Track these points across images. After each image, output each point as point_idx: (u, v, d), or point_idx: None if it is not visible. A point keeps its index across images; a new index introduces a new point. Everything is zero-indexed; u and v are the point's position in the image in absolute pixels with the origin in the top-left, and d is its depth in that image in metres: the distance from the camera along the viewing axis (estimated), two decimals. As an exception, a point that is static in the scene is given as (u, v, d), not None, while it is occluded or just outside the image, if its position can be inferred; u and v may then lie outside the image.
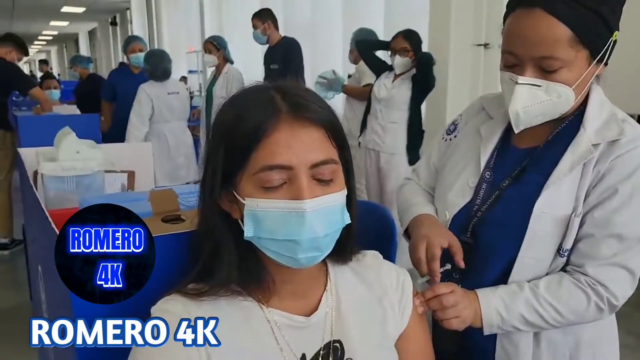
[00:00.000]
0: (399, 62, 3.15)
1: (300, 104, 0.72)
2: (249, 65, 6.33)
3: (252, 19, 4.16)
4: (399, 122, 3.22)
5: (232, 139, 0.72)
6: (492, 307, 0.99)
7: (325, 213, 0.71)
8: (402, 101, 3.19)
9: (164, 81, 3.86)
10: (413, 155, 3.20)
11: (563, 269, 1.02)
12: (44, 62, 13.03)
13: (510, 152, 1.10)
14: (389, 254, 0.97)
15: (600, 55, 0.96)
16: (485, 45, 3.61)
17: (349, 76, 3.82)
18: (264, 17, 4.12)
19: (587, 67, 0.96)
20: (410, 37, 3.16)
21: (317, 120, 0.72)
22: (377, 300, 0.86)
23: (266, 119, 0.70)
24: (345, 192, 0.75)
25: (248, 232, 0.73)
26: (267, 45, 4.24)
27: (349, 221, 0.77)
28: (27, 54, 4.40)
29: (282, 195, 0.70)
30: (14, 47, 4.16)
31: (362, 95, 3.66)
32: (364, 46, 3.50)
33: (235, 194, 0.73)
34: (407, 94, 3.18)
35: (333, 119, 0.75)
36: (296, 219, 0.70)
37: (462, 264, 1.01)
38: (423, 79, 3.14)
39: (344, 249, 0.83)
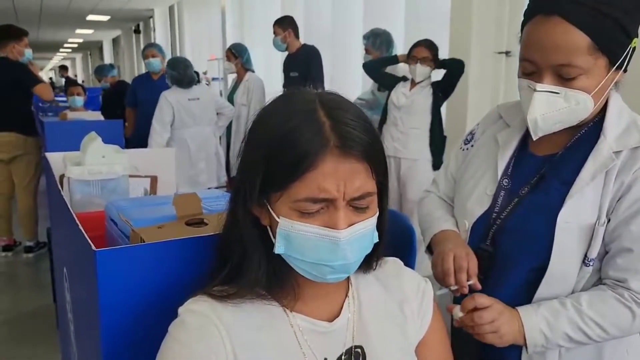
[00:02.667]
0: (421, 70, 3.18)
1: (348, 137, 0.70)
2: (270, 72, 6.38)
3: (274, 25, 4.21)
4: (420, 127, 3.23)
5: (276, 161, 0.71)
6: (535, 327, 0.98)
7: (357, 239, 0.73)
8: (423, 107, 3.21)
9: (188, 88, 3.91)
10: (437, 160, 3.22)
11: (601, 282, 1.01)
12: (63, 68, 13.12)
13: (528, 160, 1.09)
14: (409, 262, 0.97)
15: (619, 62, 0.95)
16: (507, 53, 3.59)
17: (379, 88, 3.78)
18: (284, 25, 4.16)
19: (606, 74, 0.96)
20: (431, 47, 3.20)
21: (362, 155, 0.71)
22: (398, 306, 0.86)
23: (314, 150, 0.69)
24: (377, 215, 0.76)
25: (279, 248, 0.74)
26: (287, 53, 4.27)
27: (377, 240, 0.78)
28: (24, 33, 4.20)
29: (317, 220, 0.71)
30: (13, 42, 4.10)
31: None
32: (370, 67, 3.52)
33: (270, 209, 0.74)
34: (428, 100, 3.21)
35: (376, 148, 0.74)
36: (329, 246, 0.71)
37: (478, 286, 1.02)
38: (450, 84, 3.18)
39: (370, 262, 0.84)
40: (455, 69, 3.17)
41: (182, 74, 3.86)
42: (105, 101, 5.90)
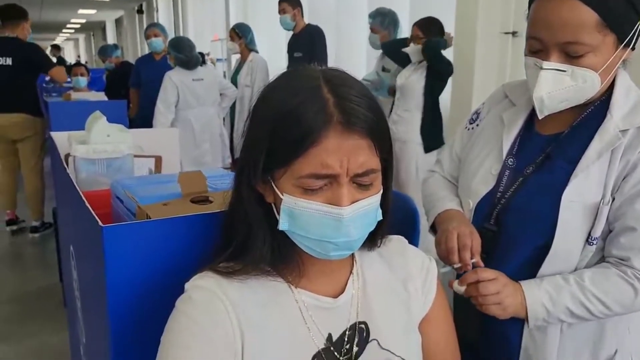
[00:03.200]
0: (413, 49, 3.16)
1: (352, 113, 0.70)
2: (273, 53, 6.33)
3: (281, 3, 4.16)
4: (412, 110, 3.20)
5: (279, 137, 0.71)
6: (538, 300, 0.99)
7: (361, 217, 0.73)
8: (416, 89, 3.17)
9: (192, 69, 3.90)
10: (428, 143, 3.18)
11: (604, 260, 1.01)
12: (55, 48, 12.88)
13: (533, 139, 1.09)
14: (412, 243, 0.98)
15: (627, 40, 0.95)
16: (514, 33, 3.55)
17: (383, 69, 3.75)
18: (294, 3, 4.13)
19: (614, 51, 0.95)
20: (422, 26, 3.16)
21: (366, 131, 0.71)
22: (402, 283, 0.87)
23: (317, 126, 0.69)
24: (381, 192, 0.76)
25: (283, 225, 0.74)
26: (291, 33, 4.24)
27: (381, 218, 0.78)
28: (27, 13, 4.24)
29: (320, 197, 0.71)
30: (24, 22, 4.08)
31: None
32: (390, 48, 3.49)
33: (274, 186, 0.74)
34: (421, 82, 3.16)
35: (380, 125, 0.73)
36: (333, 223, 0.71)
37: (481, 264, 1.03)
38: (430, 66, 3.13)
39: (374, 240, 0.84)
40: (426, 48, 3.09)
41: (189, 56, 3.85)
42: (110, 82, 5.89)
